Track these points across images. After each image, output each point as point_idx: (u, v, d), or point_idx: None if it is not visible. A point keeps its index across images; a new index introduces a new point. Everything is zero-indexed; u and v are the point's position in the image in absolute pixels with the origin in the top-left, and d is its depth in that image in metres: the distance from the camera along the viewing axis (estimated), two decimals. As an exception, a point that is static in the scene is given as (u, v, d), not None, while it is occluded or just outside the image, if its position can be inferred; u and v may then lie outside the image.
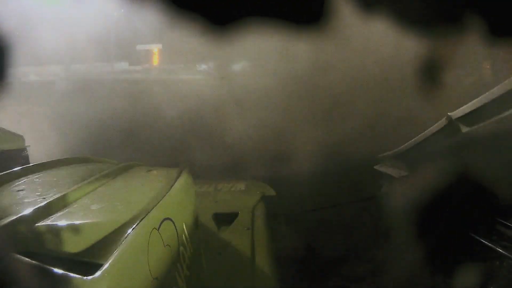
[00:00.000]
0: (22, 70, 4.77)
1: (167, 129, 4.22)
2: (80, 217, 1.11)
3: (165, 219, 1.20)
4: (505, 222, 1.74)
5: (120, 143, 4.00)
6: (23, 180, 1.53)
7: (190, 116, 4.13)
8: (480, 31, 0.58)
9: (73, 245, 0.98)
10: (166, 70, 5.52)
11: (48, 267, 0.81)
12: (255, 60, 4.64)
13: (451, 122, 1.86)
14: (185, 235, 1.36)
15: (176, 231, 1.27)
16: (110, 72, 5.30)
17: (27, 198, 1.30)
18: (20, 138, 3.90)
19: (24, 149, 3.83)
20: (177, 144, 4.02)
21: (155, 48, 5.38)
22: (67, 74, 5.27)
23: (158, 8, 0.55)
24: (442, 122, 1.92)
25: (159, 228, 1.13)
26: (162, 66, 5.49)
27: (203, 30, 0.54)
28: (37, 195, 1.30)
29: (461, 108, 1.80)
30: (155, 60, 5.46)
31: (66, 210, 1.16)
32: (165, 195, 1.35)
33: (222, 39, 0.56)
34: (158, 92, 4.51)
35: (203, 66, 5.28)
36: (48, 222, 1.06)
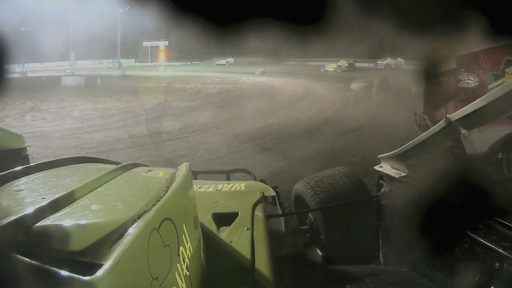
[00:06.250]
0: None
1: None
2: (80, 217, 1.11)
3: (165, 219, 1.20)
4: (505, 222, 1.74)
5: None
6: (23, 180, 1.53)
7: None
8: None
9: (73, 245, 0.98)
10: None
11: (48, 267, 0.81)
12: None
13: (449, 124, 1.90)
14: (185, 235, 1.36)
15: (176, 231, 1.27)
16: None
17: (27, 198, 1.30)
18: (20, 138, 3.89)
19: (24, 149, 3.82)
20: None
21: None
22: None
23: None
24: (441, 123, 1.96)
25: (159, 228, 1.13)
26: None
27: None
28: (37, 195, 1.31)
29: (459, 110, 1.83)
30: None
31: (66, 210, 1.16)
32: (165, 195, 1.35)
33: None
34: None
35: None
36: (48, 222, 1.06)
